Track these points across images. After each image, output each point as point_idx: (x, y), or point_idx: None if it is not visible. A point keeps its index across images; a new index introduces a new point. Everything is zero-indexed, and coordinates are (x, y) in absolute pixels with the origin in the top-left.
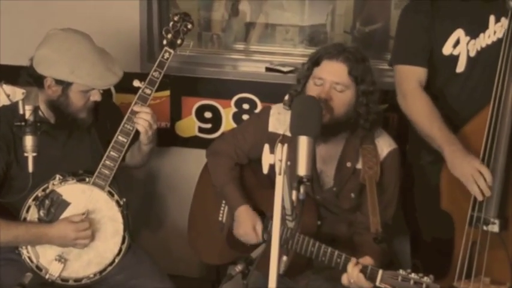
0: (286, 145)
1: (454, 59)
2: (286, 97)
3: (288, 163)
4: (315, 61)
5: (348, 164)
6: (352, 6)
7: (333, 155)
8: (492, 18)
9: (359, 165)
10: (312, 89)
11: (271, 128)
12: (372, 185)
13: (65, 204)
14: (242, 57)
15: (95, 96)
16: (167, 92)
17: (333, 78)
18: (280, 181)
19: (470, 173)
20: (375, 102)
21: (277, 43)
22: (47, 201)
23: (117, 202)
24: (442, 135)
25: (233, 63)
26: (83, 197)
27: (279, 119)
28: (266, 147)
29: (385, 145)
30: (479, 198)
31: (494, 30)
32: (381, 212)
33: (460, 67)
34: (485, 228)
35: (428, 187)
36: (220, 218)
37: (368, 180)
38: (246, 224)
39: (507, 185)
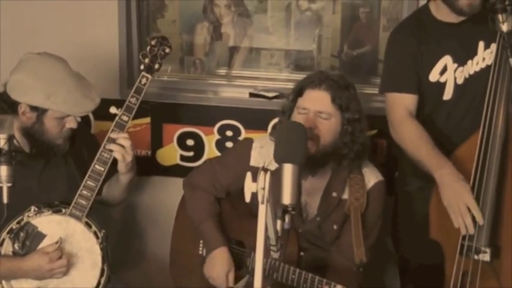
0: (269, 172)
1: (440, 86)
2: (270, 129)
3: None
4: (297, 92)
5: (334, 194)
6: (339, 29)
7: (318, 187)
8: (481, 44)
9: (345, 196)
10: (297, 119)
11: (252, 162)
12: (357, 216)
13: (41, 237)
14: (225, 82)
15: (71, 123)
16: (147, 119)
17: (316, 107)
18: (263, 210)
19: (457, 205)
20: (362, 131)
21: (262, 68)
22: (21, 234)
23: (95, 233)
24: (431, 159)
25: (216, 88)
26: (59, 229)
27: (262, 153)
28: (248, 174)
29: (372, 176)
30: (463, 232)
31: (483, 57)
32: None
33: (447, 94)
34: (476, 257)
35: (417, 215)
36: (200, 252)
37: (353, 211)
38: (220, 268)
39: (498, 213)
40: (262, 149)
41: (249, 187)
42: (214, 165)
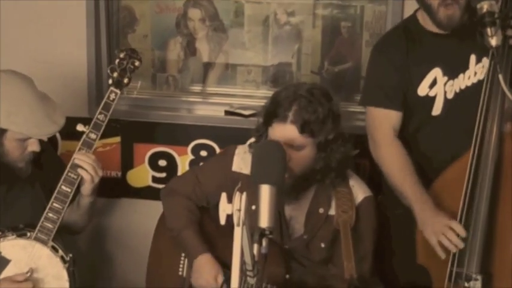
0: (244, 194)
1: (429, 100)
2: (252, 139)
3: (253, 207)
4: (266, 122)
5: (321, 210)
6: (319, 44)
7: (304, 201)
8: (473, 58)
9: (332, 211)
10: None
11: (235, 167)
12: (346, 229)
13: (5, 262)
14: (200, 100)
15: (33, 146)
16: (117, 139)
17: (286, 141)
18: (238, 233)
19: (440, 230)
20: (338, 149)
21: (238, 85)
22: None
23: (62, 258)
24: (413, 193)
25: (190, 106)
26: (24, 254)
27: (244, 159)
28: (223, 196)
29: (360, 191)
30: (452, 250)
31: (475, 71)
32: (356, 263)
33: (436, 110)
34: (466, 284)
35: (403, 239)
36: (180, 273)
37: (342, 224)
38: (207, 274)
39: (490, 238)
40: (245, 155)
41: (224, 208)
42: (195, 172)
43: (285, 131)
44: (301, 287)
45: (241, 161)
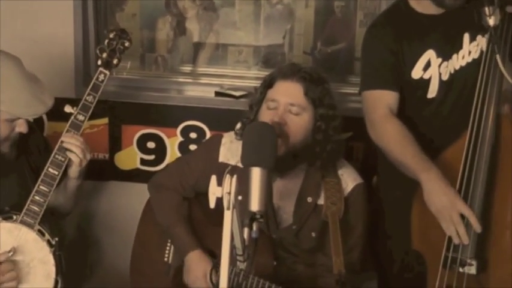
0: (235, 176)
1: (424, 83)
2: (238, 125)
3: (240, 197)
4: (268, 83)
5: (309, 199)
6: (312, 24)
7: (291, 189)
8: (466, 36)
9: (321, 201)
10: (265, 114)
11: (221, 158)
12: (334, 222)
13: None
14: (189, 80)
15: (21, 127)
16: (105, 120)
17: (287, 100)
18: (228, 217)
19: (448, 213)
20: (335, 129)
21: (229, 65)
22: None
23: (49, 242)
24: (416, 162)
25: (179, 87)
26: (10, 238)
27: (231, 149)
28: (213, 178)
29: (349, 179)
30: (456, 241)
31: (469, 50)
32: (345, 254)
33: (432, 92)
34: (461, 270)
35: (397, 223)
36: (165, 259)
37: (331, 217)
38: (197, 271)
39: (486, 223)
40: (232, 144)
41: (214, 191)
42: (181, 163)
43: (289, 88)
44: (289, 274)
45: (228, 151)
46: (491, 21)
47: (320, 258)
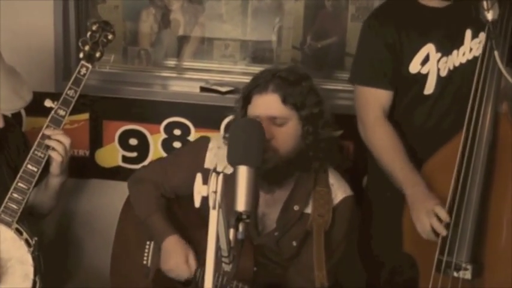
0: (221, 175)
1: (421, 78)
2: (225, 130)
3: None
4: (246, 100)
5: (296, 208)
6: (302, 18)
7: (279, 197)
8: (468, 33)
9: (308, 210)
10: None
11: (207, 164)
12: (319, 235)
13: None
14: (174, 75)
15: None
16: (86, 115)
17: (268, 113)
18: (214, 216)
19: (425, 216)
20: (324, 125)
21: (215, 60)
22: None
23: (27, 241)
24: (404, 175)
25: (163, 82)
26: None
27: (218, 155)
28: (198, 176)
29: (339, 190)
30: (433, 239)
31: (471, 47)
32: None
33: (429, 88)
34: (455, 274)
35: (388, 225)
36: (144, 262)
37: (316, 228)
38: (177, 256)
39: (482, 226)
40: (219, 150)
41: (199, 190)
42: (165, 165)
43: (266, 101)
44: (269, 281)
45: (214, 157)
46: (490, 16)
47: (300, 268)
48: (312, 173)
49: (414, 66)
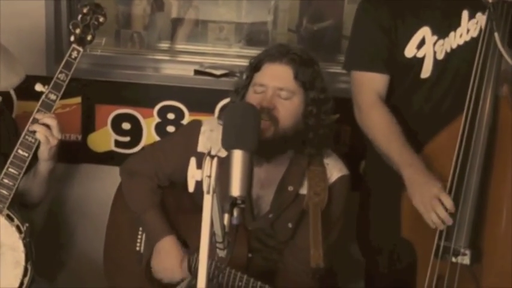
0: (215, 159)
1: (418, 62)
2: (220, 111)
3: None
4: (254, 66)
5: (290, 188)
6: (298, 0)
7: (273, 178)
8: (465, 14)
9: (303, 191)
10: (252, 98)
11: (200, 148)
12: (316, 214)
13: None
14: (167, 58)
15: None
16: (78, 99)
17: (276, 84)
18: (208, 201)
19: (429, 202)
20: (327, 113)
21: (209, 42)
22: None
23: (18, 228)
24: (400, 156)
25: (157, 65)
26: None
27: (211, 138)
28: (192, 160)
29: (335, 169)
30: (440, 227)
31: (468, 29)
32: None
33: (426, 72)
34: (454, 260)
35: (385, 210)
36: (137, 248)
37: (312, 208)
38: (171, 258)
39: (481, 211)
40: (212, 133)
41: (193, 174)
42: (157, 151)
43: (277, 71)
44: (264, 266)
45: (207, 140)
46: None
47: (292, 248)
48: (306, 153)
49: (410, 51)
